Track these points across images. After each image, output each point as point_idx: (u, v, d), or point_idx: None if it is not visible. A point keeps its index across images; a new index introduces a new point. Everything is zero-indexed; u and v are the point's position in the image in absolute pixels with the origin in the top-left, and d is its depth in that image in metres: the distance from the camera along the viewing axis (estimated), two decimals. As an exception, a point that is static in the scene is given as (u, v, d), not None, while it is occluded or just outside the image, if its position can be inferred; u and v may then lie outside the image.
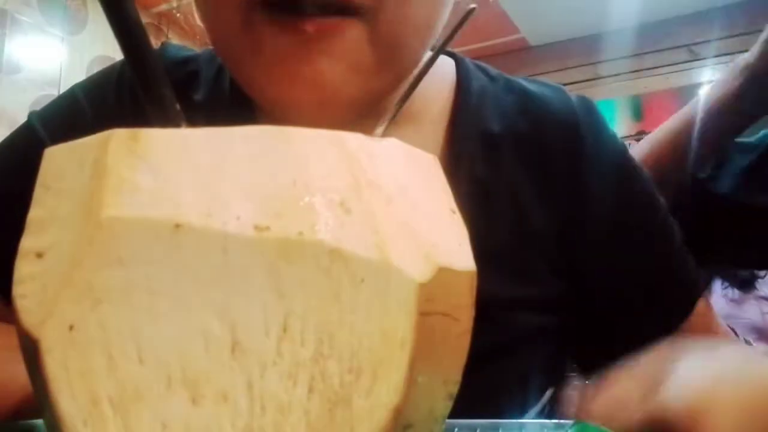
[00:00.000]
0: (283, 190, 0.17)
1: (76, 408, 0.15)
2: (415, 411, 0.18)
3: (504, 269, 0.41)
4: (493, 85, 0.46)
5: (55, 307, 0.16)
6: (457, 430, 0.26)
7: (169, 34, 2.59)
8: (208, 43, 0.39)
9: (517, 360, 0.42)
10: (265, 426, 0.16)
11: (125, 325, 0.16)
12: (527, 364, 0.43)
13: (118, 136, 0.17)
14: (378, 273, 0.17)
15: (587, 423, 0.26)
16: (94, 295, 0.16)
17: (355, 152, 0.19)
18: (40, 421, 0.28)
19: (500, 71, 0.48)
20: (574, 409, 0.29)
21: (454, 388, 0.20)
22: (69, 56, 2.30)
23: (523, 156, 0.43)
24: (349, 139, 0.19)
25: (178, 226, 0.16)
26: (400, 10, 0.33)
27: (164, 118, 0.20)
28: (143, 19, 0.23)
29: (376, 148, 0.20)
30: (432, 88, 0.44)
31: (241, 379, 0.16)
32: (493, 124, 0.43)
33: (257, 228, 0.16)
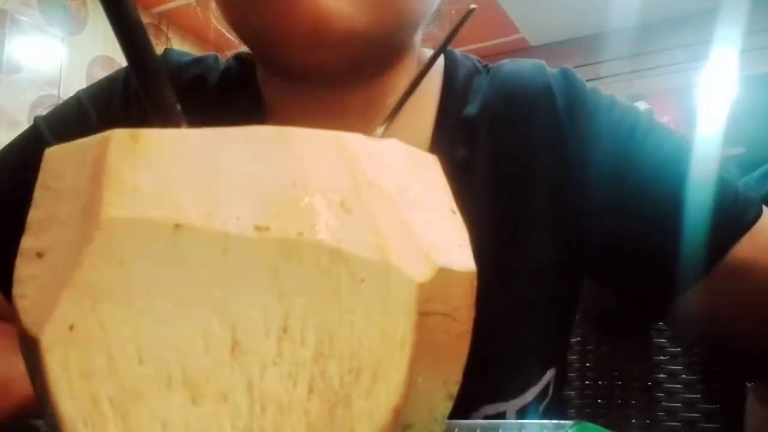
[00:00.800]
0: (283, 190, 0.17)
1: (76, 408, 0.15)
2: (414, 411, 0.18)
3: (490, 242, 0.41)
4: (478, 72, 0.47)
5: (55, 307, 0.16)
6: (457, 430, 0.26)
7: (169, 34, 2.59)
8: (208, 44, 0.39)
9: (515, 333, 0.42)
10: (265, 426, 0.16)
11: (125, 325, 0.16)
12: (526, 337, 0.43)
13: (118, 137, 0.17)
14: (378, 273, 0.17)
15: (587, 423, 0.26)
16: (94, 295, 0.16)
17: (355, 152, 0.19)
18: (40, 421, 0.28)
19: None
20: None
21: (454, 388, 0.20)
22: (69, 56, 2.31)
23: (498, 133, 0.44)
24: (349, 139, 0.19)
25: (178, 226, 0.16)
26: None
27: (164, 118, 0.20)
28: (143, 19, 0.23)
29: (376, 148, 0.20)
30: (423, 82, 0.45)
31: (241, 379, 0.16)
32: (472, 108, 0.44)
33: (257, 228, 0.16)
